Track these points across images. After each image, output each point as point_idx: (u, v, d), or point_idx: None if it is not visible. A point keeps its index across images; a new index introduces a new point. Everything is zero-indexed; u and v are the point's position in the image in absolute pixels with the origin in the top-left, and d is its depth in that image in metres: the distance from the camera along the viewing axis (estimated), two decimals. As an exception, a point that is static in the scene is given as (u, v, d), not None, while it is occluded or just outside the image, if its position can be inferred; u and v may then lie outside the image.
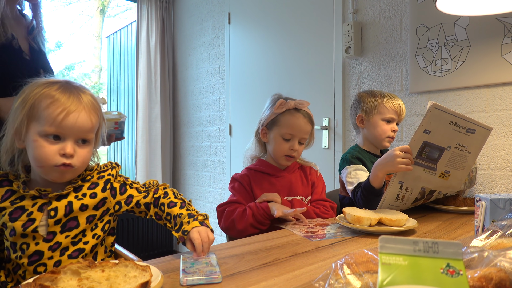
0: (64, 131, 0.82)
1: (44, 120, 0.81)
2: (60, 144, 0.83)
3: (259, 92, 2.95)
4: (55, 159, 0.82)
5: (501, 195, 0.96)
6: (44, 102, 0.82)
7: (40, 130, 0.82)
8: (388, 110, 1.57)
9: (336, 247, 0.98)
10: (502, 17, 1.72)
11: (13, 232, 0.82)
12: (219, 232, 2.90)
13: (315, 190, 1.45)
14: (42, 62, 1.36)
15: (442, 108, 1.20)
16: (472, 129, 1.27)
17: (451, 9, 1.46)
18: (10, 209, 0.83)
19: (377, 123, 1.58)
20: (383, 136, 1.58)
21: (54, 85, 0.84)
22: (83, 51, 7.24)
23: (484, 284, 0.48)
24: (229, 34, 3.20)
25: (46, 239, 0.84)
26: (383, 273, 0.43)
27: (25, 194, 0.84)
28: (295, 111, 1.37)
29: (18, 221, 0.82)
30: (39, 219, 0.84)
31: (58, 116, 0.81)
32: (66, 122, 0.82)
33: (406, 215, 1.18)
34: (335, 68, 2.42)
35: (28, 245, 0.83)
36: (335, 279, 0.55)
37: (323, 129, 2.47)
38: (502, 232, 0.67)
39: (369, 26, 2.25)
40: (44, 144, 0.82)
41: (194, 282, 0.72)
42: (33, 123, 0.82)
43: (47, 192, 0.85)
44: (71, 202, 0.87)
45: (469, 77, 1.84)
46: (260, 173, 1.40)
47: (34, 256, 0.83)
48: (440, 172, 1.32)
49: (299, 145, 1.38)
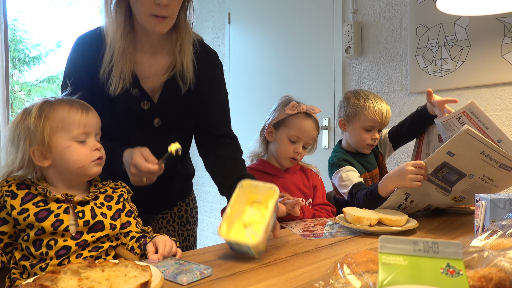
0: (89, 128, 0.93)
1: (70, 126, 0.90)
2: (88, 142, 0.93)
3: (259, 92, 2.95)
4: (92, 155, 0.92)
5: (501, 195, 0.96)
6: (61, 113, 0.90)
7: (70, 136, 0.90)
8: (368, 119, 1.50)
9: (336, 247, 0.98)
10: (502, 17, 1.71)
11: (40, 231, 0.85)
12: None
13: (316, 194, 1.46)
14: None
15: (476, 135, 1.05)
16: (509, 167, 1.09)
17: (451, 9, 1.46)
18: (34, 210, 0.86)
19: (357, 131, 1.53)
20: (362, 144, 1.54)
21: (52, 101, 0.92)
22: (83, 51, 7.22)
23: (484, 284, 0.48)
24: (229, 34, 3.20)
25: (74, 237, 0.88)
26: (383, 273, 0.43)
27: (50, 198, 0.88)
28: (306, 116, 1.39)
29: (46, 221, 0.85)
30: (66, 220, 0.88)
31: (81, 117, 0.91)
32: (88, 120, 0.93)
33: (406, 215, 1.18)
34: (335, 68, 2.42)
35: (56, 241, 0.86)
36: (335, 279, 0.55)
37: (323, 129, 2.47)
38: (502, 232, 0.67)
39: (369, 26, 2.25)
40: (77, 147, 0.91)
41: (194, 279, 0.73)
42: (57, 134, 0.89)
43: (72, 197, 0.90)
44: (93, 208, 0.92)
45: (469, 77, 1.84)
46: (261, 173, 1.40)
47: (62, 251, 0.87)
48: (454, 196, 1.23)
49: (302, 149, 1.39)
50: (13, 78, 6.47)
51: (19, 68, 6.60)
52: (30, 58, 6.67)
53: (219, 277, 0.76)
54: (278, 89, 2.77)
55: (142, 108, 1.12)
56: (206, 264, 0.80)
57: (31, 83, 6.82)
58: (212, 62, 1.21)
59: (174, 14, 1.03)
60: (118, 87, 1.05)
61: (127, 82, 1.06)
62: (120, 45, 1.03)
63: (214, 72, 1.21)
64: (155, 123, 1.15)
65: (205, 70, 1.17)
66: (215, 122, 1.23)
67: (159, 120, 1.15)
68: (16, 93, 6.51)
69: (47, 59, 6.85)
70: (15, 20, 6.29)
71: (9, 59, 2.66)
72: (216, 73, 1.22)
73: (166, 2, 0.97)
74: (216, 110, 1.23)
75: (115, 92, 1.06)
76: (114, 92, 1.05)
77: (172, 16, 1.03)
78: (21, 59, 6.59)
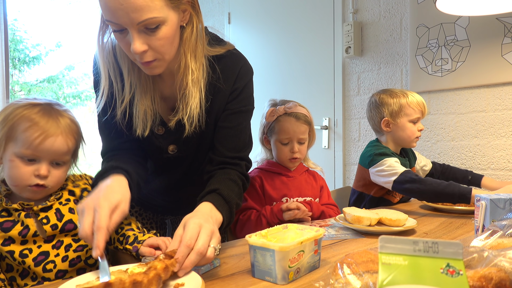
0: (40, 154, 0.85)
1: (21, 142, 0.84)
2: (35, 165, 0.86)
3: (259, 92, 2.94)
4: (30, 179, 0.85)
5: (501, 195, 0.96)
6: (23, 125, 0.84)
7: (17, 151, 0.84)
8: (414, 110, 1.53)
9: (336, 247, 0.98)
10: (502, 17, 1.72)
11: (9, 241, 0.83)
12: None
13: (323, 194, 1.47)
14: None
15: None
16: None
17: (451, 9, 1.46)
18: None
19: (405, 126, 1.54)
20: (412, 138, 1.55)
21: (35, 108, 0.87)
22: (83, 51, 7.23)
23: (484, 284, 0.48)
24: (229, 34, 3.20)
25: (47, 240, 0.86)
26: (383, 273, 0.43)
27: (8, 208, 0.86)
28: (286, 116, 1.38)
29: (13, 230, 0.84)
30: (32, 225, 0.85)
31: (35, 140, 0.83)
32: (42, 146, 0.85)
33: (406, 215, 1.18)
34: (335, 68, 2.42)
35: (31, 250, 0.85)
36: (335, 279, 0.55)
37: (323, 129, 2.47)
38: (502, 232, 0.67)
39: (369, 26, 2.25)
40: (20, 164, 0.85)
41: (206, 270, 0.78)
42: (10, 143, 0.85)
43: (31, 206, 0.87)
44: (59, 209, 0.90)
45: (469, 77, 1.84)
46: (271, 173, 1.41)
47: (40, 257, 0.85)
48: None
49: (299, 145, 1.39)
50: (13, 78, 6.47)
51: (19, 68, 6.60)
52: (30, 58, 6.68)
53: (219, 277, 0.76)
54: (278, 89, 2.77)
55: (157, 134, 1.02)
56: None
57: (31, 83, 6.82)
58: (234, 80, 1.02)
59: (163, 53, 0.85)
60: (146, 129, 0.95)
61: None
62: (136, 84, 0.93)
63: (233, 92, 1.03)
64: (170, 150, 1.05)
65: (223, 92, 1.00)
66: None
67: (175, 147, 1.05)
68: (16, 93, 6.52)
69: (47, 59, 6.86)
70: (15, 20, 6.30)
71: (9, 59, 2.66)
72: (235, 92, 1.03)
73: (141, 48, 0.80)
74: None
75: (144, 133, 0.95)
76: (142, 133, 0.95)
77: (162, 57, 0.85)
78: (21, 59, 6.59)
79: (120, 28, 0.80)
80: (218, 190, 0.89)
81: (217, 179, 0.94)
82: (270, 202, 1.36)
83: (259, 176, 1.39)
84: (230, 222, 0.92)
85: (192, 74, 0.90)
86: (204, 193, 0.90)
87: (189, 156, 1.07)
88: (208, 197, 0.87)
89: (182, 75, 0.91)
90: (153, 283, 0.60)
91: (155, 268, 0.63)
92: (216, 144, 1.02)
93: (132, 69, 0.91)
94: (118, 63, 0.91)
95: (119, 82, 0.93)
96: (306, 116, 1.40)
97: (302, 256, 0.75)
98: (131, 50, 0.81)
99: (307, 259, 0.76)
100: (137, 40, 0.80)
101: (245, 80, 1.04)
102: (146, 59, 0.83)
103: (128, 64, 0.90)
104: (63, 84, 7.05)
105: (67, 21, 7.55)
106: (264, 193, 1.37)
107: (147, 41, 0.81)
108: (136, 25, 0.78)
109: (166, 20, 0.81)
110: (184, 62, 0.90)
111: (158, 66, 0.87)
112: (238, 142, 1.02)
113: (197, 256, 0.69)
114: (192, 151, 1.05)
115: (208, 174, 0.99)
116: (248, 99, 1.06)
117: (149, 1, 0.77)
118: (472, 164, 1.90)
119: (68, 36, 7.59)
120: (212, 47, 0.98)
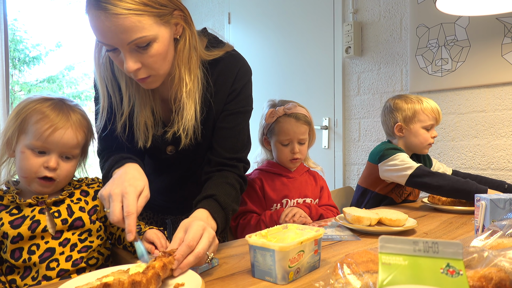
0: (49, 146, 0.88)
1: (32, 134, 0.87)
2: (45, 157, 0.89)
3: (259, 92, 2.94)
4: (39, 171, 0.88)
5: (501, 195, 0.96)
6: (34, 117, 0.88)
7: (28, 143, 0.88)
8: (428, 117, 1.53)
9: (336, 247, 0.98)
10: (502, 17, 1.72)
11: (18, 238, 0.85)
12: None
13: (323, 195, 1.47)
14: None
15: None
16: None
17: (451, 9, 1.46)
18: (9, 219, 0.86)
19: (418, 132, 1.54)
20: (425, 144, 1.55)
21: (46, 102, 0.90)
22: (83, 51, 7.23)
23: (484, 284, 0.48)
24: (229, 34, 3.20)
25: (55, 237, 0.88)
26: (383, 273, 0.43)
27: (22, 204, 0.88)
28: (286, 117, 1.38)
29: (23, 226, 0.85)
30: (43, 220, 0.87)
31: (45, 132, 0.87)
32: (52, 138, 0.88)
33: (406, 215, 1.18)
34: (335, 68, 2.42)
35: (38, 245, 0.86)
36: (335, 279, 0.55)
37: (323, 129, 2.47)
38: (502, 232, 0.67)
39: (369, 26, 2.25)
40: (30, 156, 0.88)
41: (204, 269, 0.78)
42: (22, 135, 0.88)
43: (44, 199, 0.89)
44: (70, 205, 0.92)
45: (469, 77, 1.84)
46: (271, 174, 1.41)
47: (46, 253, 0.86)
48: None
49: (300, 146, 1.38)
50: (13, 78, 6.47)
51: (19, 68, 6.61)
52: (30, 58, 6.68)
53: (219, 277, 0.76)
54: (278, 89, 2.77)
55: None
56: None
57: (31, 83, 6.82)
58: (233, 81, 1.02)
59: (157, 69, 0.85)
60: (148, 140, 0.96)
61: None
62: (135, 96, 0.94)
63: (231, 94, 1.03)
64: (168, 151, 1.06)
65: (222, 93, 1.00)
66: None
67: (173, 148, 1.05)
68: (16, 93, 6.52)
69: (47, 59, 6.87)
70: (15, 20, 6.30)
71: (9, 59, 2.66)
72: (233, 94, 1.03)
73: (133, 67, 0.80)
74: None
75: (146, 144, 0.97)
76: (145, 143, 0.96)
77: (156, 73, 0.85)
78: (21, 59, 6.59)
79: (112, 48, 0.80)
80: (214, 196, 0.90)
81: (214, 183, 0.94)
82: (271, 204, 1.36)
83: (259, 178, 1.39)
84: (225, 229, 0.93)
85: (186, 86, 0.90)
86: (201, 198, 0.90)
87: (188, 156, 1.08)
88: (204, 203, 0.88)
89: (177, 87, 0.91)
90: (152, 282, 0.61)
91: (154, 267, 0.63)
92: (214, 144, 1.02)
93: (130, 83, 0.92)
94: (115, 77, 0.92)
95: (118, 96, 0.93)
96: (306, 116, 1.40)
97: (302, 256, 0.75)
98: (124, 69, 0.82)
99: (307, 259, 0.76)
100: (129, 59, 0.80)
101: (243, 81, 1.03)
102: (141, 76, 0.84)
103: (126, 78, 0.91)
104: (63, 84, 7.05)
105: (67, 21, 7.56)
106: (265, 195, 1.37)
107: (140, 59, 0.81)
108: (127, 45, 0.78)
109: (157, 37, 0.81)
110: (178, 75, 0.89)
111: (154, 81, 0.88)
112: (236, 143, 1.02)
113: (195, 259, 0.71)
114: (190, 152, 1.06)
115: (206, 175, 1.00)
116: (246, 100, 1.05)
117: (137, 22, 0.76)
118: (472, 164, 1.90)
119: (68, 36, 7.61)
120: (210, 51, 0.97)
